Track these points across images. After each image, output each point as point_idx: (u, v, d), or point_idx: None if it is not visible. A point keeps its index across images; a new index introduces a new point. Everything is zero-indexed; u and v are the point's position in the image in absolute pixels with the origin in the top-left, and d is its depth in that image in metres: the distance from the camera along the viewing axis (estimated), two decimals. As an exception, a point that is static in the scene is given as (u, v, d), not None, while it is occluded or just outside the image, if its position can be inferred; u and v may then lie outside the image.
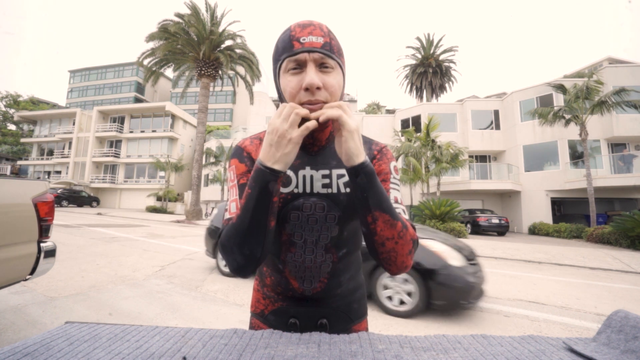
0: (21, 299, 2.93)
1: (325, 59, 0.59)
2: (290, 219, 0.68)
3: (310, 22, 0.61)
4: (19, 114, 33.42)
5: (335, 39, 0.62)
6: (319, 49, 0.58)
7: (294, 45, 0.59)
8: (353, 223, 0.71)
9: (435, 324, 2.88)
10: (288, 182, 0.69)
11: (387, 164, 0.71)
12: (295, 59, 0.59)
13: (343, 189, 0.68)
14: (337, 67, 0.61)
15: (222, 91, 25.02)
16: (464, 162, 15.03)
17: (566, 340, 0.56)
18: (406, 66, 30.83)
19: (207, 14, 16.81)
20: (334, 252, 0.71)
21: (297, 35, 0.59)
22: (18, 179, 2.12)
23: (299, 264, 0.71)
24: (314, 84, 0.57)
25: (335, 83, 0.60)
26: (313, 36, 0.59)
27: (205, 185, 27.11)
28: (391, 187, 0.68)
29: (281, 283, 0.74)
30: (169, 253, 5.98)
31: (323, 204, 0.68)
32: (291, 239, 0.70)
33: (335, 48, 0.61)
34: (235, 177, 0.68)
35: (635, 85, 14.01)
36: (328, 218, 0.68)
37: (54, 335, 0.54)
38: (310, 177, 0.69)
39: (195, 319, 2.74)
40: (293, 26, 0.60)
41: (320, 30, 0.60)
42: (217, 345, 0.52)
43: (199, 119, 17.14)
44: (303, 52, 0.58)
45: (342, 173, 0.69)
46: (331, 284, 0.73)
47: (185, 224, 14.34)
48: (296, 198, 0.68)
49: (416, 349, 0.52)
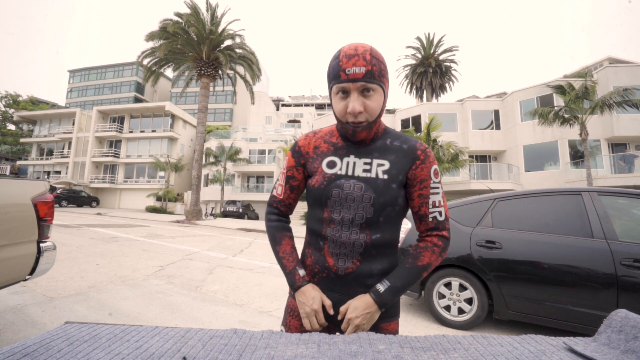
0: (21, 299, 2.93)
1: (367, 85, 0.71)
2: (332, 196, 0.80)
3: (355, 50, 0.71)
4: (19, 113, 33.38)
5: (377, 63, 0.72)
6: (360, 79, 0.70)
7: (341, 75, 0.71)
8: (388, 209, 0.79)
9: (435, 324, 2.88)
10: (333, 165, 0.82)
11: (429, 168, 0.80)
12: (341, 87, 0.72)
13: (381, 175, 0.79)
14: (378, 88, 0.73)
15: (222, 91, 25.06)
16: (464, 162, 15.03)
17: (566, 341, 0.56)
18: (406, 66, 30.81)
19: (207, 14, 16.80)
20: (367, 233, 0.79)
21: (343, 66, 0.70)
22: (18, 179, 2.12)
23: (336, 238, 0.80)
24: (355, 111, 0.72)
25: (374, 105, 0.73)
26: (357, 67, 0.70)
27: (205, 185, 27.09)
28: (431, 192, 0.80)
29: (319, 261, 0.83)
30: (169, 253, 5.98)
31: (361, 185, 0.78)
32: (331, 215, 0.80)
33: (376, 73, 0.71)
34: (285, 167, 0.90)
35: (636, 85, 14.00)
36: (364, 198, 0.78)
37: (54, 335, 0.54)
38: (353, 163, 0.81)
39: (195, 319, 2.74)
40: (342, 55, 0.71)
41: (363, 60, 0.70)
42: (217, 346, 0.52)
43: (199, 118, 17.13)
44: (347, 82, 0.71)
45: (382, 163, 0.80)
46: (363, 268, 0.80)
47: (185, 224, 14.33)
48: (339, 178, 0.80)
49: (416, 349, 0.52)
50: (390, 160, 0.80)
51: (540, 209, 2.77)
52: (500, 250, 2.67)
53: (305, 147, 0.88)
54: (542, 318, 2.48)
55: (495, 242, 2.71)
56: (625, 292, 2.21)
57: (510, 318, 2.60)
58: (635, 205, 2.59)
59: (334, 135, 0.87)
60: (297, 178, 0.89)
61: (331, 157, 0.83)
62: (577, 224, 2.52)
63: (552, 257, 2.47)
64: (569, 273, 2.39)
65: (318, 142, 0.87)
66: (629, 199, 2.59)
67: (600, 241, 2.37)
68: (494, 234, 2.75)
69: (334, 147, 0.84)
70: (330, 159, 0.83)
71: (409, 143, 0.82)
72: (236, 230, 12.13)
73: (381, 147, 0.82)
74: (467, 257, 2.78)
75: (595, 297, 2.31)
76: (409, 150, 0.81)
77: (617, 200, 2.62)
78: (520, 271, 2.57)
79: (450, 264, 2.87)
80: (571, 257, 2.42)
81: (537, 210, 2.78)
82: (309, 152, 0.87)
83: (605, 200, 2.56)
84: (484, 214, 2.91)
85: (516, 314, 2.57)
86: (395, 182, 0.79)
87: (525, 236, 2.63)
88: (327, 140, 0.86)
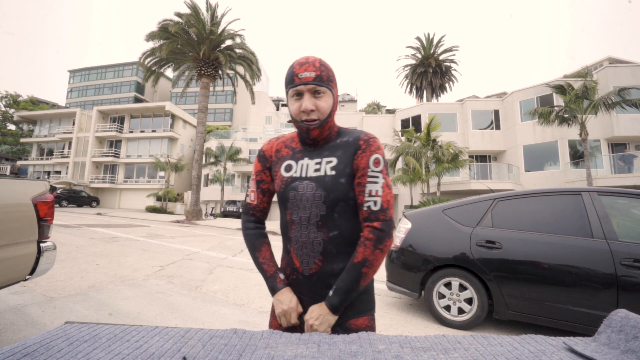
0: (21, 299, 2.93)
1: (317, 88, 0.80)
2: (290, 198, 0.86)
3: (306, 59, 0.81)
4: (19, 113, 33.38)
5: (326, 70, 0.81)
6: (311, 82, 0.79)
7: (295, 79, 0.80)
8: (341, 204, 0.83)
9: (435, 324, 2.88)
10: (290, 168, 0.88)
11: (368, 157, 0.83)
12: (295, 90, 0.81)
13: (329, 171, 0.83)
14: (327, 91, 0.82)
15: (222, 91, 25.05)
16: (464, 162, 15.03)
17: (566, 341, 0.56)
18: (406, 66, 30.82)
19: (207, 14, 16.79)
20: (324, 232, 0.83)
21: (296, 71, 0.80)
22: (18, 179, 2.12)
23: (298, 239, 0.85)
24: (307, 109, 0.80)
25: (325, 105, 0.82)
26: (307, 72, 0.79)
27: (205, 185, 27.09)
28: (368, 180, 0.81)
29: (290, 263, 0.89)
30: (169, 253, 5.98)
31: (312, 185, 0.83)
32: (292, 217, 0.86)
33: (325, 78, 0.81)
34: (254, 173, 0.96)
35: (636, 85, 14.00)
36: (316, 197, 0.83)
37: (54, 335, 0.54)
38: (306, 165, 0.87)
39: (195, 319, 2.74)
40: (295, 64, 0.81)
41: (313, 66, 0.79)
42: (217, 346, 0.52)
43: (199, 118, 17.12)
44: (300, 84, 0.80)
45: (330, 160, 0.85)
46: (325, 268, 0.84)
47: (185, 224, 14.33)
48: (294, 181, 0.86)
49: (416, 349, 0.52)
50: (338, 156, 0.85)
51: (540, 209, 2.77)
52: (500, 250, 2.66)
53: (268, 152, 0.94)
54: (542, 318, 2.48)
55: (495, 242, 2.71)
56: (625, 292, 2.21)
57: (510, 318, 2.60)
58: (635, 205, 2.59)
59: (294, 141, 0.93)
60: (266, 181, 0.95)
61: (289, 161, 0.90)
62: (577, 224, 2.52)
63: (552, 257, 2.47)
64: (568, 273, 2.39)
65: (280, 147, 0.94)
66: (629, 199, 2.59)
67: (600, 241, 2.37)
68: (494, 234, 2.75)
69: (292, 151, 0.91)
70: (288, 162, 0.89)
71: (354, 135, 0.86)
72: (236, 230, 12.13)
73: (332, 146, 0.87)
74: (467, 257, 2.77)
75: (595, 297, 2.31)
76: (352, 141, 0.85)
77: (617, 200, 2.62)
78: (520, 271, 2.57)
79: (450, 264, 2.87)
80: (571, 257, 2.42)
81: (537, 210, 2.77)
82: (272, 156, 0.94)
83: (605, 200, 2.56)
84: (483, 214, 2.91)
85: (516, 314, 2.57)
86: (343, 176, 0.82)
87: (525, 236, 2.63)
88: (287, 145, 0.93)
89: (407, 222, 3.24)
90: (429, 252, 2.99)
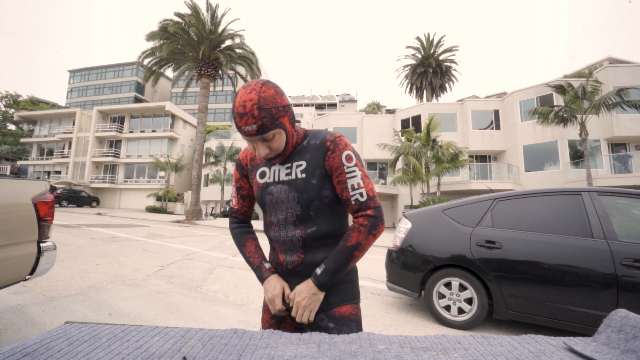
0: (21, 299, 2.93)
1: (263, 136, 0.79)
2: (267, 202, 0.91)
3: (244, 108, 0.75)
4: (19, 113, 33.38)
5: (267, 114, 0.76)
6: (255, 134, 0.78)
7: (239, 130, 0.79)
8: (315, 203, 0.87)
9: (435, 324, 2.88)
10: (264, 175, 0.93)
11: (339, 156, 0.85)
12: (245, 138, 0.82)
13: (300, 174, 0.87)
14: (276, 130, 0.80)
15: (222, 91, 25.02)
16: (464, 162, 15.03)
17: (566, 341, 0.56)
18: (406, 66, 30.82)
19: (207, 14, 16.80)
20: (302, 229, 0.88)
21: (238, 123, 0.77)
22: (18, 179, 2.12)
23: (278, 238, 0.91)
24: (262, 156, 0.84)
25: (278, 145, 0.83)
26: (248, 125, 0.76)
27: (205, 185, 27.08)
28: (347, 176, 0.85)
29: (275, 258, 0.95)
30: (169, 253, 5.98)
31: (285, 188, 0.88)
32: (270, 219, 0.92)
33: (268, 123, 0.77)
34: (234, 180, 1.03)
35: (636, 85, 14.00)
36: (290, 198, 0.88)
37: (54, 335, 0.54)
38: (278, 170, 0.91)
39: (195, 319, 2.74)
40: (235, 112, 0.76)
41: (252, 118, 0.75)
42: (217, 345, 0.52)
43: (199, 118, 17.12)
44: (247, 136, 0.79)
45: (300, 164, 0.88)
46: (307, 259, 0.89)
47: (185, 224, 14.34)
48: (268, 186, 0.91)
49: (416, 349, 0.52)
50: (307, 159, 0.88)
51: (540, 209, 2.77)
52: (500, 250, 2.66)
53: (244, 160, 1.00)
54: (542, 318, 2.47)
55: (495, 242, 2.71)
56: (625, 292, 2.21)
57: (510, 318, 2.60)
58: (635, 205, 2.59)
59: None
60: (244, 187, 1.01)
61: (262, 168, 0.94)
62: (577, 224, 2.52)
63: (552, 257, 2.47)
64: (568, 273, 2.39)
65: (253, 155, 0.98)
66: (629, 199, 2.59)
67: (600, 241, 2.37)
68: (494, 234, 2.75)
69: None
70: (262, 169, 0.94)
71: (321, 137, 0.89)
72: (236, 230, 12.10)
73: (300, 150, 0.90)
74: (466, 257, 2.77)
75: (595, 297, 2.31)
76: (320, 144, 0.87)
77: (617, 200, 2.62)
78: (520, 271, 2.57)
79: (450, 264, 2.87)
80: (571, 257, 2.42)
81: (537, 210, 2.77)
82: (247, 164, 0.99)
83: (605, 200, 2.56)
84: (483, 214, 2.91)
85: (516, 313, 2.57)
86: (313, 177, 0.86)
87: (525, 236, 2.63)
88: None
89: (407, 222, 3.24)
90: (429, 252, 2.99)
